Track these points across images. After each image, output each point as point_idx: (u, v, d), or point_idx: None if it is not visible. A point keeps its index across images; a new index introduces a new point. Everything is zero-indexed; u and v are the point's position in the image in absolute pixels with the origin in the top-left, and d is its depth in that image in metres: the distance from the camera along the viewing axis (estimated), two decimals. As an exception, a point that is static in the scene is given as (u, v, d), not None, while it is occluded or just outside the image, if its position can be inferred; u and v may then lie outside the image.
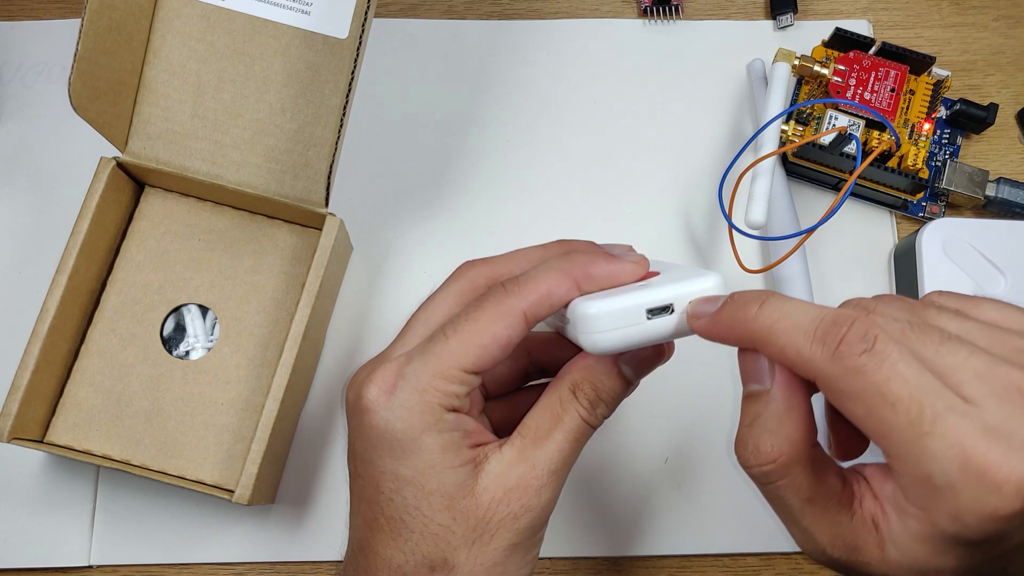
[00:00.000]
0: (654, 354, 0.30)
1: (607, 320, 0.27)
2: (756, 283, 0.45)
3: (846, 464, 0.27)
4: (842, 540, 0.25)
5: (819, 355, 0.23)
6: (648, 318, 0.28)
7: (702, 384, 0.44)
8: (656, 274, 0.30)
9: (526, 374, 0.35)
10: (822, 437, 0.27)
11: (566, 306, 0.29)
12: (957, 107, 0.46)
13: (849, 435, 0.29)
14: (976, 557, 0.23)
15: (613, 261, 0.29)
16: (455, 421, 0.29)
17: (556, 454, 0.29)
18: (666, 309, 0.28)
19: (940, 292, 0.27)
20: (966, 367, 0.23)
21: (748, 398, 0.27)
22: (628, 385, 0.30)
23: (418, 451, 0.28)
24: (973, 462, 0.21)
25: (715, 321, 0.26)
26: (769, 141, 0.43)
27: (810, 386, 0.26)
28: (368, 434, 0.29)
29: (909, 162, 0.44)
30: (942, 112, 0.46)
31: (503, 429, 0.34)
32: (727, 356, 0.44)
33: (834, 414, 0.29)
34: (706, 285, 0.28)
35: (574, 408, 0.29)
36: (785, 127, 0.45)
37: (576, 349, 0.30)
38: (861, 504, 0.25)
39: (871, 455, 0.27)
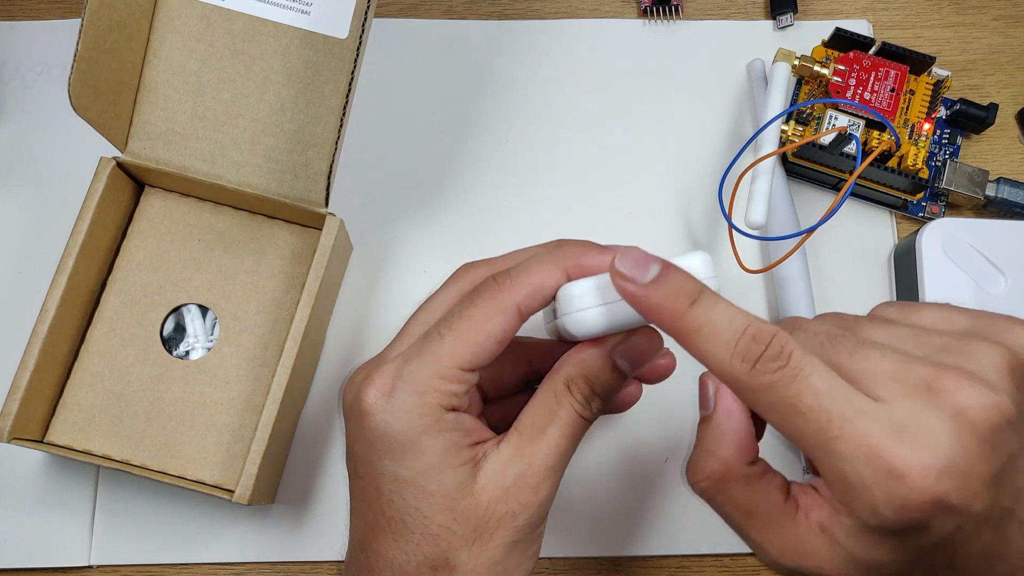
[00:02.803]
0: (647, 344, 0.30)
1: (589, 297, 0.28)
2: (756, 283, 0.45)
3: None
4: (790, 549, 0.26)
5: (738, 369, 0.25)
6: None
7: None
8: None
9: (526, 381, 0.35)
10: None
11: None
12: (957, 107, 0.46)
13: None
14: (908, 549, 0.24)
15: (604, 251, 0.30)
16: (455, 420, 0.29)
17: (552, 450, 0.29)
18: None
19: (887, 303, 0.29)
20: (878, 370, 0.25)
21: (700, 422, 0.29)
22: (623, 377, 0.30)
23: (418, 453, 0.28)
24: (880, 459, 0.23)
25: (643, 296, 0.26)
26: (769, 141, 0.43)
27: (749, 419, 0.28)
28: (367, 436, 0.29)
29: (909, 162, 0.44)
30: (942, 112, 0.46)
31: (501, 430, 0.34)
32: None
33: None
34: (690, 263, 0.28)
35: (568, 402, 0.29)
36: (785, 127, 0.45)
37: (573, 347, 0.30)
38: (808, 514, 0.26)
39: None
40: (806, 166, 0.45)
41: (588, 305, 0.28)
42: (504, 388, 0.35)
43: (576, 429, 0.29)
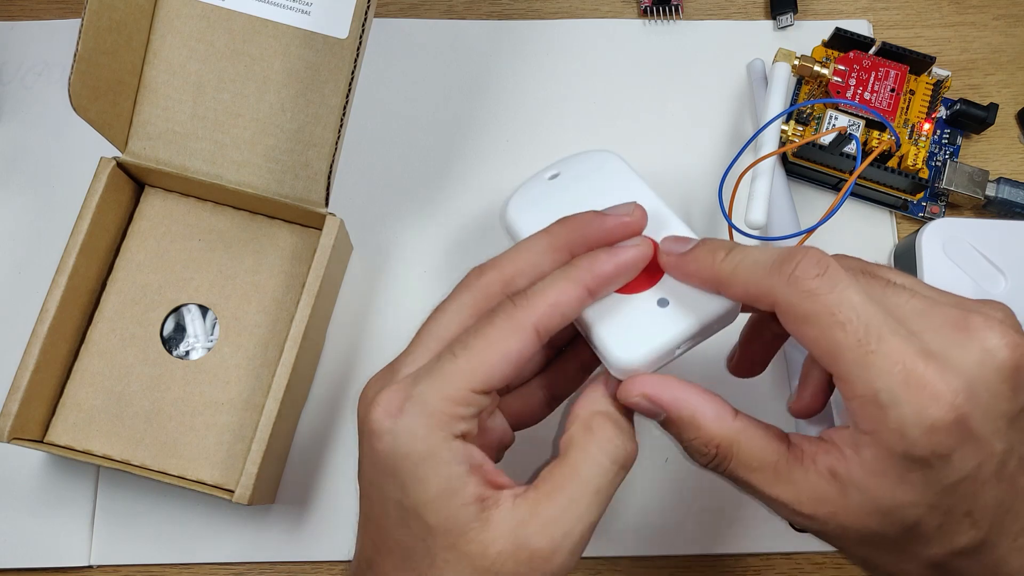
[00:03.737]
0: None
1: (642, 369, 0.28)
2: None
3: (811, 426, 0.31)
4: (804, 495, 0.26)
5: (776, 282, 0.26)
6: (676, 350, 0.29)
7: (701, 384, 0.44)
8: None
9: (547, 360, 0.34)
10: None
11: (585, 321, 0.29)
12: (957, 107, 0.46)
13: (755, 358, 0.33)
14: (930, 486, 0.25)
15: (617, 255, 0.29)
16: (462, 451, 0.27)
17: (571, 512, 0.26)
18: (693, 338, 0.29)
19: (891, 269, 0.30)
20: (908, 307, 0.26)
21: (663, 426, 0.29)
22: (630, 414, 0.29)
23: (418, 484, 0.26)
24: (914, 377, 0.24)
25: (684, 261, 0.28)
26: (769, 141, 0.43)
27: (696, 387, 0.28)
28: (373, 458, 0.27)
29: (909, 162, 0.44)
30: (942, 112, 0.46)
31: (518, 423, 0.33)
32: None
33: (751, 335, 0.33)
34: (724, 309, 0.29)
35: (594, 446, 0.27)
36: (785, 127, 0.45)
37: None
38: (815, 460, 0.26)
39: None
40: (806, 166, 0.45)
41: (643, 371, 0.29)
42: (523, 374, 0.33)
43: (604, 483, 0.27)
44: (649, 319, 0.29)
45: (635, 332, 0.28)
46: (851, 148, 0.43)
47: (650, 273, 0.29)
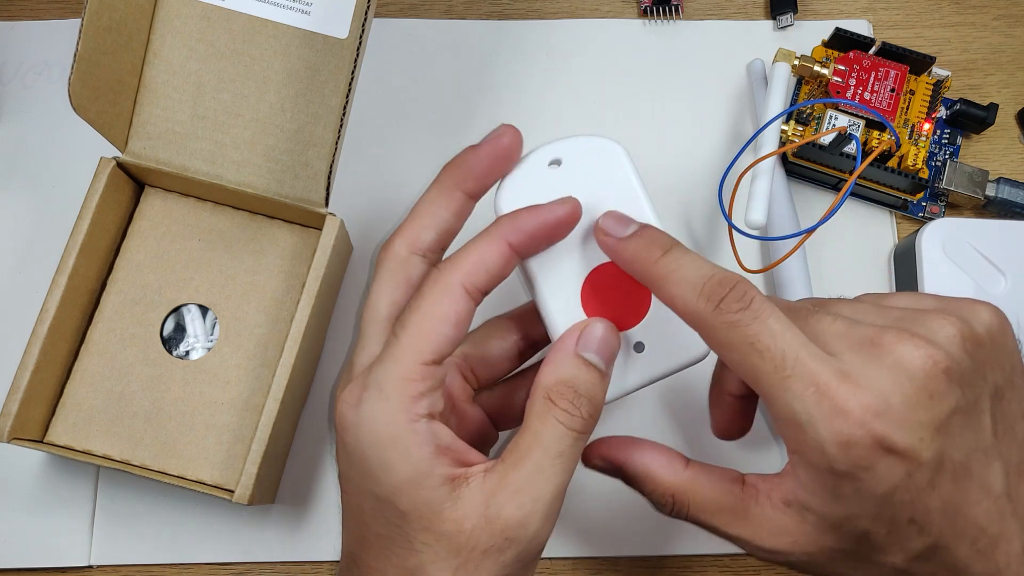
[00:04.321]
0: (608, 330, 0.29)
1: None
2: (756, 283, 0.45)
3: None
4: (765, 531, 0.28)
5: (703, 308, 0.27)
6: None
7: (701, 384, 0.44)
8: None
9: (520, 353, 0.34)
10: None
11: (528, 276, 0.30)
12: (957, 107, 0.46)
13: (729, 416, 0.32)
14: (864, 497, 0.26)
15: (539, 213, 0.29)
16: (426, 431, 0.27)
17: (538, 477, 0.27)
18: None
19: (871, 294, 0.31)
20: (830, 330, 0.27)
21: (626, 483, 0.31)
22: (600, 376, 0.29)
23: (385, 468, 0.27)
24: (826, 396, 0.25)
25: (620, 247, 0.29)
26: (769, 141, 0.43)
27: (649, 443, 0.31)
28: (345, 453, 0.28)
29: (909, 162, 0.44)
30: (942, 112, 0.46)
31: (499, 419, 0.34)
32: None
33: (717, 394, 0.32)
34: (698, 355, 0.30)
35: (552, 416, 0.27)
36: (785, 127, 0.45)
37: None
38: (770, 495, 0.28)
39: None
40: (806, 166, 0.45)
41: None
42: (496, 366, 0.34)
43: (566, 447, 0.27)
44: (621, 360, 0.30)
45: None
46: (851, 148, 0.43)
47: (635, 311, 0.30)
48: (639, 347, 0.30)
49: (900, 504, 0.25)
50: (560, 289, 0.30)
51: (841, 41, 0.46)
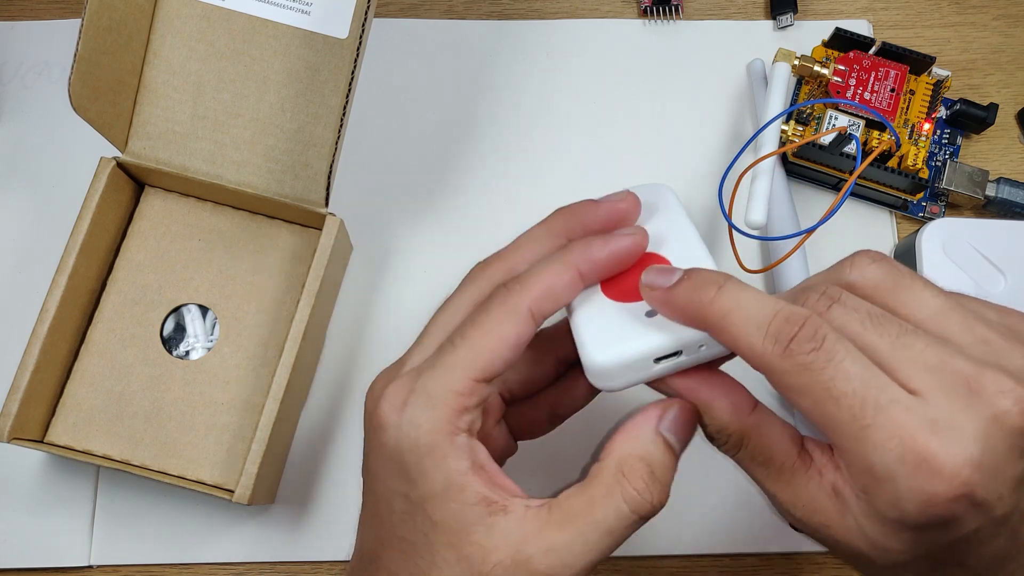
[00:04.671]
0: (691, 414, 0.28)
1: (614, 373, 0.27)
2: (756, 283, 0.45)
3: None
4: (801, 502, 0.26)
5: (770, 351, 0.24)
6: (655, 363, 0.27)
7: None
8: (659, 259, 0.29)
9: (556, 373, 0.34)
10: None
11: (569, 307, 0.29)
12: (957, 107, 0.46)
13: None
14: (922, 544, 0.24)
15: (610, 242, 0.29)
16: (465, 447, 0.27)
17: (578, 546, 0.26)
18: (675, 354, 0.27)
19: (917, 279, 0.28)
20: (919, 361, 0.24)
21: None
22: (675, 456, 0.28)
23: (425, 477, 0.27)
24: (912, 452, 0.23)
25: (670, 298, 0.27)
26: (769, 141, 0.43)
27: (718, 375, 0.28)
28: (380, 452, 0.28)
29: (909, 162, 0.44)
30: (942, 112, 0.46)
31: (520, 435, 0.34)
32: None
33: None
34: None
35: (620, 489, 0.26)
36: (785, 127, 0.45)
37: None
38: (821, 472, 0.26)
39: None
40: (806, 166, 0.45)
41: (613, 379, 0.28)
42: (531, 387, 0.33)
43: (620, 527, 0.26)
44: (632, 326, 0.28)
45: (614, 335, 0.28)
46: (851, 148, 0.43)
47: None
48: (651, 313, 0.28)
49: (956, 551, 0.24)
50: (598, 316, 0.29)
51: (841, 41, 0.46)
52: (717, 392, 0.28)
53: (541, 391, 0.34)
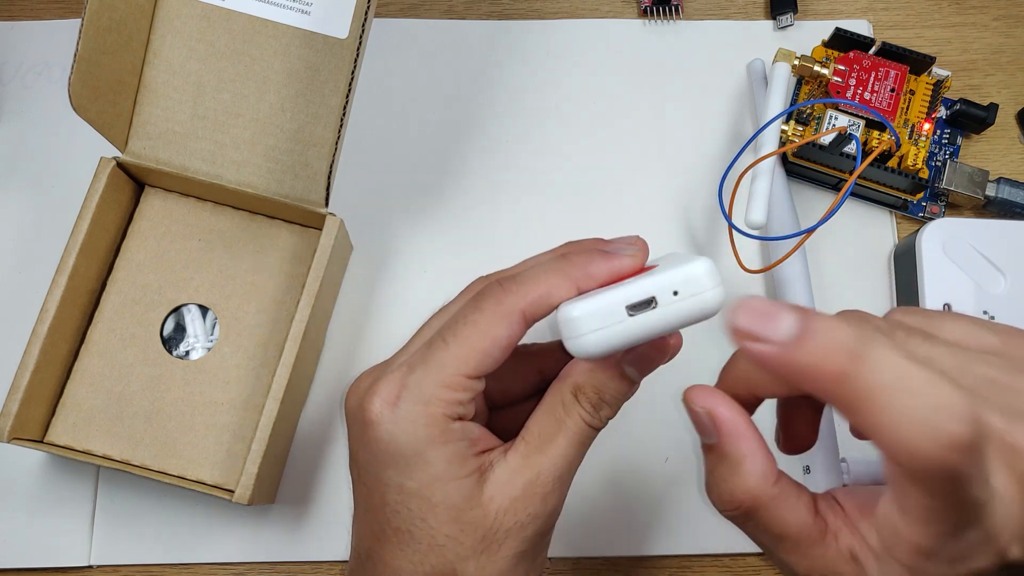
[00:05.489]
0: (656, 351, 0.28)
1: (586, 321, 0.26)
2: (756, 283, 0.45)
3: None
4: (819, 572, 0.25)
5: (925, 451, 0.20)
6: (630, 315, 0.26)
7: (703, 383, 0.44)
8: (654, 267, 0.29)
9: (535, 388, 0.34)
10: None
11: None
12: (957, 107, 0.46)
13: (802, 432, 0.30)
14: None
15: (610, 258, 0.29)
16: (461, 430, 0.28)
17: (560, 460, 0.28)
18: (648, 304, 0.26)
19: (904, 309, 0.27)
20: None
21: (704, 447, 0.27)
22: (632, 385, 0.29)
23: (423, 464, 0.28)
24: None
25: (791, 360, 0.21)
26: (769, 141, 0.43)
27: (756, 431, 0.26)
28: (372, 447, 0.28)
29: (909, 162, 0.44)
30: (942, 112, 0.46)
31: (507, 437, 0.34)
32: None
33: (786, 412, 0.30)
34: (693, 272, 0.25)
35: (576, 412, 0.29)
36: (785, 127, 0.45)
37: None
38: (836, 538, 0.25)
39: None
40: (806, 166, 0.45)
41: (587, 331, 0.26)
42: (511, 396, 0.34)
43: (584, 438, 0.29)
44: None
45: (591, 295, 0.27)
46: (851, 148, 0.43)
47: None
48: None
49: None
50: None
51: (841, 41, 0.46)
52: (755, 449, 0.26)
53: (522, 402, 0.34)
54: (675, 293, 0.25)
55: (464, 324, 0.28)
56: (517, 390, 0.34)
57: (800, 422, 0.29)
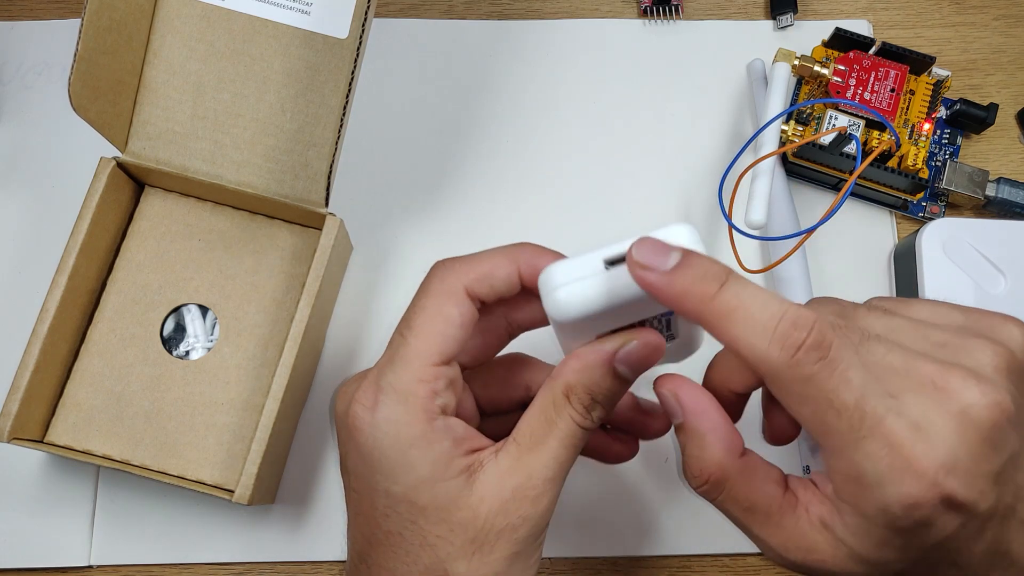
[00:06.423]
0: (650, 350, 0.28)
1: (562, 272, 0.26)
2: (756, 283, 0.45)
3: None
4: (793, 544, 0.27)
5: (775, 357, 0.24)
6: (606, 268, 0.26)
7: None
8: None
9: (508, 335, 0.33)
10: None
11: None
12: (957, 107, 0.46)
13: (783, 423, 0.30)
14: (912, 548, 0.25)
15: (557, 256, 0.29)
16: (444, 427, 0.28)
17: (551, 461, 0.28)
18: (625, 258, 0.26)
19: (881, 297, 0.29)
20: (884, 364, 0.25)
21: (675, 429, 0.29)
22: (624, 384, 0.29)
23: (407, 467, 0.27)
24: (900, 457, 0.23)
25: (667, 284, 0.25)
26: (769, 141, 0.43)
27: (720, 410, 0.28)
28: (358, 452, 0.28)
29: (909, 162, 0.44)
30: (942, 112, 0.46)
31: (499, 439, 0.34)
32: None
33: (771, 403, 0.31)
34: (672, 230, 0.26)
35: (568, 412, 0.28)
36: (785, 127, 0.45)
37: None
38: (808, 509, 0.26)
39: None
40: (806, 166, 0.45)
41: (563, 282, 0.26)
42: (501, 406, 0.34)
43: (576, 439, 0.28)
44: (608, 272, 0.26)
45: (580, 274, 0.26)
46: (851, 148, 0.43)
47: None
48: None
49: (946, 551, 0.25)
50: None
51: (841, 41, 0.46)
52: (718, 424, 0.28)
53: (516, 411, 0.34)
54: (635, 245, 0.26)
55: (416, 313, 0.28)
56: (506, 403, 0.33)
57: (782, 415, 0.30)
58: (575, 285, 0.26)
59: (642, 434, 0.34)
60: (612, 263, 0.26)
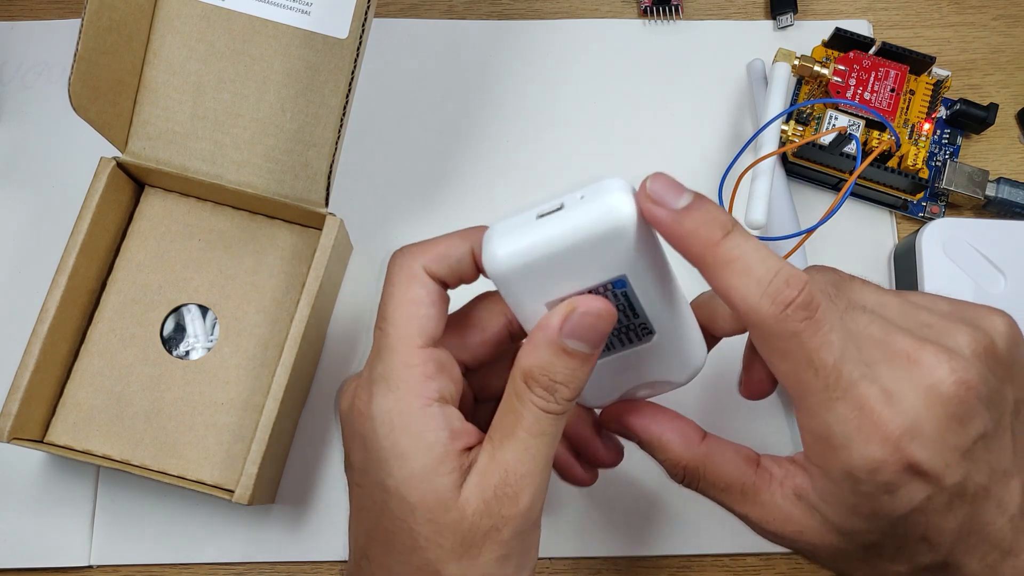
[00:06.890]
0: (594, 317, 0.26)
1: (497, 231, 0.26)
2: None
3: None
4: (771, 516, 0.28)
5: (766, 310, 0.25)
6: (537, 218, 0.26)
7: (703, 383, 0.44)
8: None
9: (508, 335, 0.32)
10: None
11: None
12: (957, 107, 0.46)
13: (761, 377, 0.31)
14: (880, 518, 0.25)
15: None
16: (439, 415, 0.27)
17: (524, 455, 0.27)
18: (557, 210, 0.26)
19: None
20: (865, 333, 0.26)
21: (642, 447, 0.31)
22: (582, 360, 0.27)
23: (401, 461, 0.27)
24: (869, 420, 0.24)
25: (675, 222, 0.25)
26: (769, 141, 0.43)
27: (663, 413, 0.30)
28: (360, 446, 0.29)
29: (909, 162, 0.44)
30: (942, 112, 0.46)
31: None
32: (729, 357, 0.44)
33: (752, 356, 0.31)
34: (603, 182, 0.26)
35: (530, 399, 0.27)
36: (785, 127, 0.45)
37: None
38: (782, 483, 0.28)
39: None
40: (806, 166, 0.45)
41: (500, 235, 0.26)
42: (480, 353, 0.32)
43: (544, 426, 0.27)
44: (539, 221, 0.26)
45: (518, 230, 0.26)
46: (851, 148, 0.43)
47: None
48: (561, 207, 0.26)
49: (914, 524, 0.25)
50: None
51: (841, 41, 0.46)
52: (666, 426, 0.30)
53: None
54: (582, 197, 0.26)
55: (386, 303, 0.29)
56: (487, 347, 0.32)
57: (761, 369, 0.31)
58: (507, 238, 0.26)
59: (595, 464, 0.34)
60: (545, 216, 0.26)
